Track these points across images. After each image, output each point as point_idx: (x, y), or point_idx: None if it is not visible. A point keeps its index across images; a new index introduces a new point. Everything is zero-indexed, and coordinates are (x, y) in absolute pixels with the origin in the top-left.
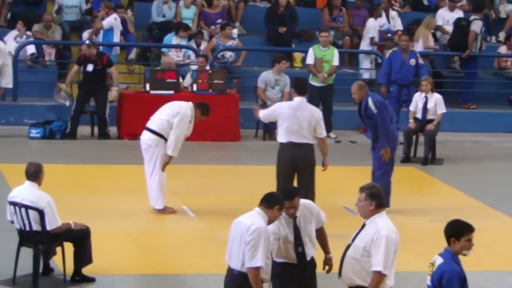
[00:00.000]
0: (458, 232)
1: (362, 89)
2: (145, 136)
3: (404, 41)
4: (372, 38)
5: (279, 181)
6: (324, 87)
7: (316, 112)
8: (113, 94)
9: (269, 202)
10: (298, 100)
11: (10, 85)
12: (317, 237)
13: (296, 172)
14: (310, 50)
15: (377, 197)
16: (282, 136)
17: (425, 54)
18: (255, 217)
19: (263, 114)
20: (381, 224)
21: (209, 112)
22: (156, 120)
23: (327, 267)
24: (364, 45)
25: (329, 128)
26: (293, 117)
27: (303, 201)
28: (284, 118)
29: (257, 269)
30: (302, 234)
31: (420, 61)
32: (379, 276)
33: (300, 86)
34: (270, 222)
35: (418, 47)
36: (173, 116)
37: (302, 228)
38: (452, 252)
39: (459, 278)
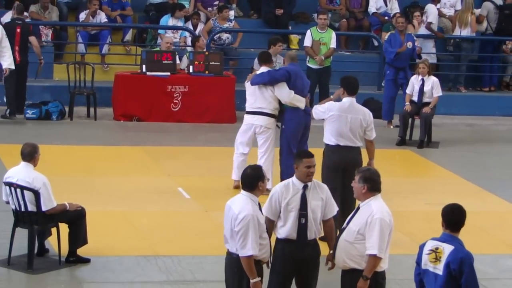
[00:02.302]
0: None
1: (288, 61)
2: (261, 120)
3: (400, 23)
4: (429, 23)
5: (326, 184)
6: (321, 70)
7: (368, 114)
8: None
9: (249, 185)
10: (349, 101)
11: (12, 66)
12: (324, 230)
13: (343, 174)
14: (308, 32)
15: (369, 181)
16: (329, 138)
17: (471, 39)
18: (242, 203)
19: (315, 113)
20: (375, 207)
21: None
22: (264, 102)
23: (330, 264)
24: (422, 29)
25: None
26: (344, 120)
27: (317, 180)
28: (333, 120)
29: (249, 257)
30: (308, 206)
31: (416, 43)
32: (375, 259)
33: (350, 86)
34: (262, 193)
35: (466, 31)
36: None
37: (309, 200)
38: (455, 236)
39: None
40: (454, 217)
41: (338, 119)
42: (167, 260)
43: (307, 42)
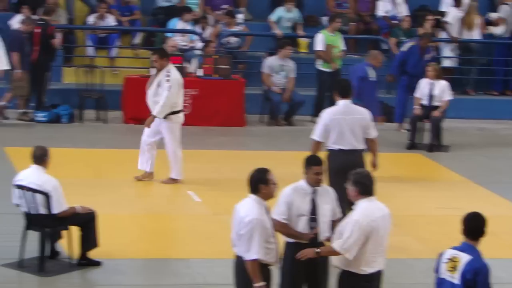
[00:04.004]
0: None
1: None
2: None
3: (426, 43)
4: (445, 23)
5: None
6: (333, 72)
7: (365, 113)
8: None
9: (253, 187)
10: (343, 103)
11: (6, 67)
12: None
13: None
14: (321, 36)
15: (360, 184)
16: (330, 143)
17: (481, 42)
18: (249, 207)
19: (317, 136)
20: (358, 209)
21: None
22: None
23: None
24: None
25: None
26: (343, 123)
27: (324, 185)
28: (333, 125)
29: (253, 261)
30: (317, 210)
31: (432, 53)
32: (333, 251)
33: (343, 88)
34: (268, 198)
35: (475, 34)
36: None
37: (319, 205)
38: (474, 246)
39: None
40: (475, 225)
41: (337, 123)
42: (178, 263)
43: (320, 46)
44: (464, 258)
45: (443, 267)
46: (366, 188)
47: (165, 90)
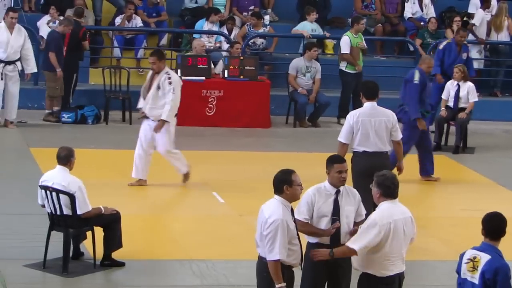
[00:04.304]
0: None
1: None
2: None
3: (463, 37)
4: (472, 25)
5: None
6: (358, 73)
7: (391, 115)
8: None
9: (277, 188)
10: (369, 105)
11: (35, 70)
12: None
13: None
14: (347, 39)
15: (382, 186)
16: (355, 144)
17: (509, 44)
18: (273, 208)
19: (343, 137)
20: (378, 210)
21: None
22: None
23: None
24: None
25: None
26: (368, 124)
27: (348, 186)
28: (358, 127)
29: (276, 262)
30: (341, 211)
31: (470, 54)
32: (346, 248)
33: (369, 90)
34: (293, 200)
35: (503, 36)
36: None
37: (342, 206)
38: (494, 246)
39: (509, 273)
40: (493, 225)
41: (362, 125)
42: (201, 264)
43: (346, 49)
44: (484, 258)
45: (464, 267)
46: (388, 191)
47: (170, 93)
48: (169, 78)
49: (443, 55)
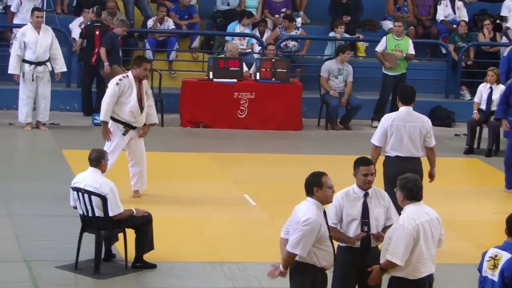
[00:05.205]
0: None
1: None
2: None
3: None
4: (507, 28)
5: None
6: (398, 76)
7: (426, 121)
8: None
9: (308, 190)
10: (405, 110)
11: (64, 69)
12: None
13: None
14: (384, 39)
15: (405, 189)
16: (388, 149)
17: None
18: (307, 208)
19: (376, 140)
20: (404, 214)
21: (142, 61)
22: None
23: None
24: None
25: None
26: (403, 129)
27: (377, 188)
28: (392, 131)
29: (294, 255)
30: (370, 213)
31: None
32: (390, 263)
33: (405, 94)
34: (325, 202)
35: None
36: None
37: (372, 208)
38: None
39: None
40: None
41: (397, 129)
42: (233, 266)
43: (380, 47)
44: (505, 256)
45: (485, 265)
46: (411, 193)
47: (152, 96)
48: (147, 84)
49: (508, 61)
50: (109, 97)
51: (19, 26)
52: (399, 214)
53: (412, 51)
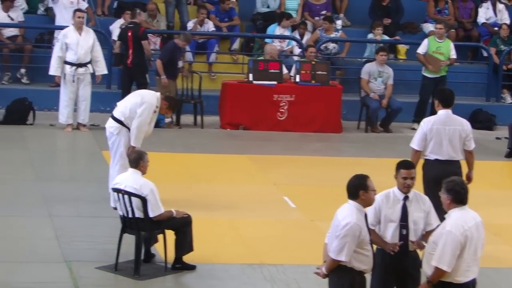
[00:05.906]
0: None
1: None
2: (108, 123)
3: None
4: None
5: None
6: (438, 79)
7: (466, 124)
8: None
9: (352, 193)
10: (444, 113)
11: (105, 71)
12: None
13: None
14: (425, 41)
15: (452, 192)
16: (427, 152)
17: None
18: (348, 212)
19: (416, 144)
20: (451, 219)
21: (176, 107)
22: (120, 108)
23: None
24: None
25: None
26: (442, 132)
27: (419, 192)
28: (432, 134)
29: (337, 262)
30: (409, 217)
31: None
32: (437, 271)
33: (445, 98)
34: (368, 205)
35: None
36: (138, 105)
37: (411, 212)
38: None
39: None
40: None
41: (437, 133)
42: (272, 268)
43: (421, 50)
44: None
45: None
46: (459, 196)
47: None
48: None
49: None
50: (145, 125)
51: (61, 28)
52: (441, 219)
53: (454, 54)
